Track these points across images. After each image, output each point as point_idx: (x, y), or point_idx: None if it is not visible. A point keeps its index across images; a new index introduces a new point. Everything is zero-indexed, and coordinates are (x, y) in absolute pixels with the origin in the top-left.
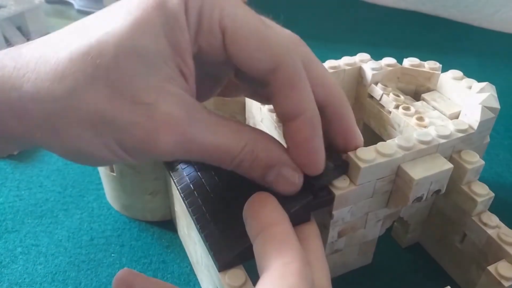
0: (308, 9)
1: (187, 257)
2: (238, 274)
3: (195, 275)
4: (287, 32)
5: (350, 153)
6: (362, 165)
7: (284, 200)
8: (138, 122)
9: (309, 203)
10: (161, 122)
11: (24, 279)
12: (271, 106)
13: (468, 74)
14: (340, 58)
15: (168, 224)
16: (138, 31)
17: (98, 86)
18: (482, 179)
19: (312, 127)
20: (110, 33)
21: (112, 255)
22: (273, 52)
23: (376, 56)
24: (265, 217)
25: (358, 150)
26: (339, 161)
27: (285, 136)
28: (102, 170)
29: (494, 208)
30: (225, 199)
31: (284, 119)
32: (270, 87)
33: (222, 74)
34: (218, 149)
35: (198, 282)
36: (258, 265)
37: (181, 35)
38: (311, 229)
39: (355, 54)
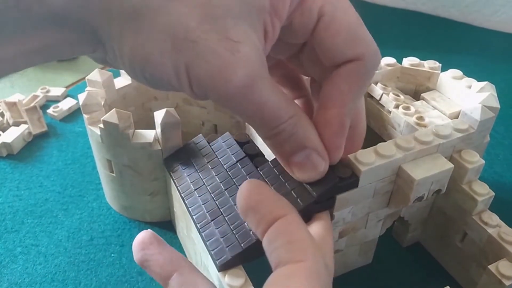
0: None
1: (187, 257)
2: (238, 274)
3: None
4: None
5: (350, 156)
6: (362, 168)
7: (309, 183)
8: (220, 53)
9: (335, 185)
10: (240, 60)
11: (24, 279)
12: None
13: (468, 73)
14: None
15: (168, 225)
16: None
17: (194, 5)
18: (482, 179)
19: (344, 127)
20: None
21: (112, 255)
22: (358, 48)
23: None
24: (269, 209)
25: (358, 152)
26: (348, 173)
27: (315, 123)
28: (102, 171)
29: (495, 208)
30: (225, 199)
31: (321, 104)
32: (332, 75)
33: (287, 47)
34: (272, 108)
35: None
36: (269, 260)
37: (283, 2)
38: (324, 226)
39: None
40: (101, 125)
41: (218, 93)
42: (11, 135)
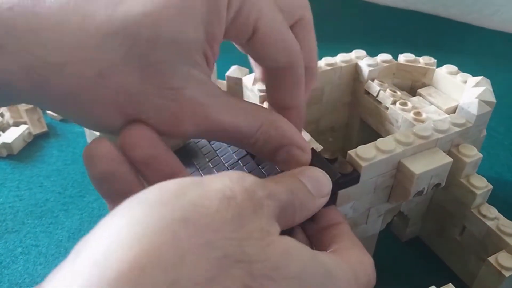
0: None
1: None
2: None
3: None
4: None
5: (351, 152)
6: (363, 163)
7: None
8: (165, 106)
9: (337, 182)
10: (186, 105)
11: (24, 279)
12: None
13: (468, 73)
14: None
15: None
16: (180, 19)
17: (130, 68)
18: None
19: (300, 120)
20: (151, 15)
21: None
22: (287, 55)
23: (376, 55)
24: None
25: (358, 148)
26: (350, 169)
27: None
28: None
29: (495, 207)
30: None
31: (278, 107)
32: (275, 79)
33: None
34: (236, 129)
35: None
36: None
37: (218, 27)
38: (337, 213)
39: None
40: None
41: (180, 136)
42: (11, 135)
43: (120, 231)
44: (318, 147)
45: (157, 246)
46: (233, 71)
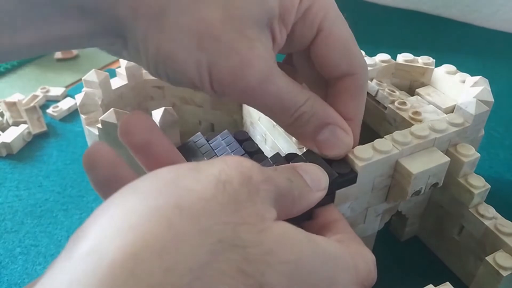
0: None
1: None
2: None
3: None
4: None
5: (348, 152)
6: (360, 163)
7: None
8: (239, 49)
9: (334, 182)
10: (256, 56)
11: (24, 279)
12: None
13: (468, 73)
14: None
15: None
16: None
17: (217, 4)
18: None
19: (356, 135)
20: None
21: None
22: (351, 63)
23: (376, 55)
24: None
25: (355, 148)
26: (347, 169)
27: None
28: None
29: (494, 207)
30: None
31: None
32: (334, 89)
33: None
34: (288, 95)
35: None
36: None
37: (289, 13)
38: (336, 211)
39: None
40: (99, 125)
41: (238, 88)
42: (10, 135)
43: (115, 220)
44: None
45: (152, 233)
46: None
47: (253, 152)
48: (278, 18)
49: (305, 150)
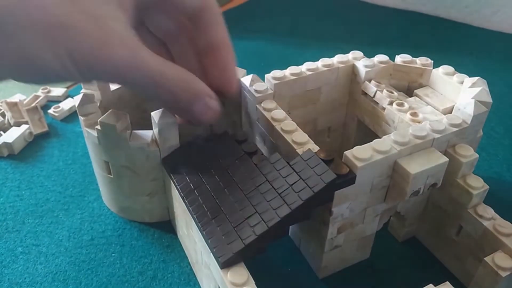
0: (308, 10)
1: (187, 257)
2: (240, 271)
3: (195, 275)
4: None
5: (347, 152)
6: (359, 164)
7: (308, 179)
8: (91, 30)
9: (333, 182)
10: (115, 34)
11: (25, 278)
12: (267, 105)
13: (467, 73)
14: None
15: (168, 225)
16: None
17: None
18: (482, 179)
19: (233, 56)
20: None
21: (113, 255)
22: None
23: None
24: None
25: (354, 149)
26: (346, 170)
27: (208, 65)
28: (99, 172)
29: (494, 207)
30: (225, 197)
31: (209, 49)
32: (200, 22)
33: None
34: (159, 73)
35: (198, 282)
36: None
37: None
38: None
39: None
40: (98, 127)
41: (106, 70)
42: (12, 135)
43: None
44: (314, 148)
45: None
46: None
47: (252, 152)
48: None
49: (304, 151)
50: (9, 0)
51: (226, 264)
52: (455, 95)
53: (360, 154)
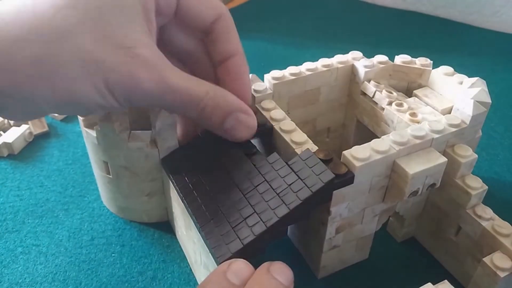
0: (308, 10)
1: (185, 257)
2: None
3: (194, 275)
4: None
5: (345, 152)
6: (357, 164)
7: (306, 179)
8: (122, 62)
9: (331, 182)
10: (142, 62)
11: (25, 279)
12: (266, 105)
13: (467, 74)
14: None
15: (168, 225)
16: None
17: (86, 30)
18: (481, 179)
19: (245, 63)
20: None
21: (113, 255)
22: (215, 8)
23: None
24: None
25: (353, 148)
26: (344, 170)
27: (221, 75)
28: (98, 173)
29: (494, 207)
30: (224, 198)
31: (222, 59)
32: (212, 34)
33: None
34: (188, 91)
35: (198, 282)
36: None
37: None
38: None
39: None
40: (97, 127)
41: (138, 96)
42: (12, 135)
43: None
44: (313, 148)
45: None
46: None
47: (252, 153)
48: (142, 11)
49: (303, 150)
50: (48, 42)
51: None
52: (454, 95)
53: (358, 154)
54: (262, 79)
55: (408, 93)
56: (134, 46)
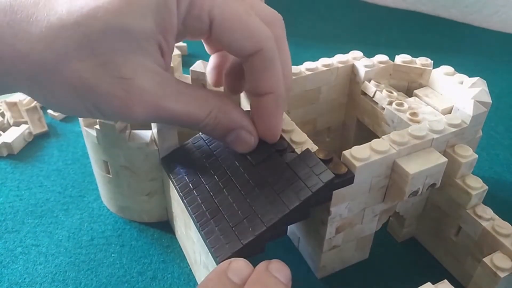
0: (309, 10)
1: (185, 257)
2: None
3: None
4: (269, 11)
5: (345, 152)
6: (357, 164)
7: (306, 179)
8: (115, 94)
9: (331, 182)
10: (136, 95)
11: (24, 279)
12: None
13: (467, 74)
14: None
15: (168, 225)
16: (128, 9)
17: (84, 55)
18: (482, 179)
19: (277, 106)
20: (102, 7)
21: (113, 255)
22: (254, 40)
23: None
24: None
25: (353, 148)
26: (344, 170)
27: (252, 108)
28: (98, 172)
29: (494, 207)
30: (224, 197)
31: (254, 94)
32: (248, 65)
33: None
34: (186, 116)
35: (198, 282)
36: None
37: (169, 18)
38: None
39: None
40: (97, 126)
41: (132, 120)
42: (11, 135)
43: None
44: (313, 147)
45: None
46: (197, 65)
47: (251, 152)
48: (157, 32)
49: (302, 150)
50: (45, 64)
51: None
52: (455, 95)
53: (358, 154)
54: None
55: (409, 93)
56: (132, 77)
